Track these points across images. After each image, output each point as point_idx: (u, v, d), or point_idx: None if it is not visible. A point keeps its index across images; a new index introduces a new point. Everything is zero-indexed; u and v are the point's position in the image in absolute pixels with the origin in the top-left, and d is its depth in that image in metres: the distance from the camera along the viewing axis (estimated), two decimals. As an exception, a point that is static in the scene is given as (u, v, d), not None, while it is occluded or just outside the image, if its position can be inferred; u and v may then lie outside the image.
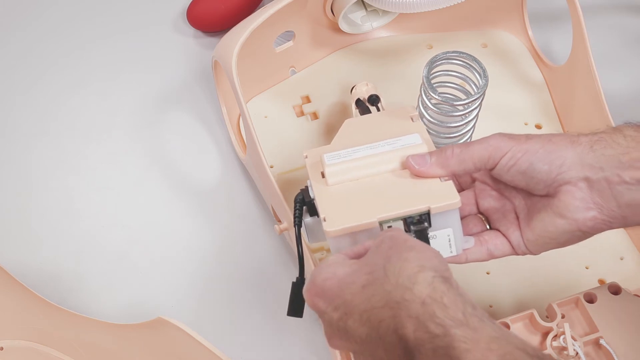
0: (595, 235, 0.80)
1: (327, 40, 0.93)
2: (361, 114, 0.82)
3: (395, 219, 0.63)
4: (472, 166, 0.64)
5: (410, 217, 0.62)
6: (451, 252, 0.65)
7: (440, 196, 0.63)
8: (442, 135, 0.78)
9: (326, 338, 0.58)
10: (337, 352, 0.71)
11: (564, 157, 0.61)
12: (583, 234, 0.63)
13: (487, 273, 0.79)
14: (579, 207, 0.61)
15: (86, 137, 0.92)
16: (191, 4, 0.98)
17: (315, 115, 0.90)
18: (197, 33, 1.00)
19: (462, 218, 0.67)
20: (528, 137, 0.62)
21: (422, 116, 0.78)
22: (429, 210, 0.62)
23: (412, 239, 0.57)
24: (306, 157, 0.71)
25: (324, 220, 0.64)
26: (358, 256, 0.59)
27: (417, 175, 0.65)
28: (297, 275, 0.68)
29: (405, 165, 0.66)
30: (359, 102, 0.83)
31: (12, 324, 0.76)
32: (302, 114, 0.90)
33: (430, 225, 0.63)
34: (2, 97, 0.95)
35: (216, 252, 0.84)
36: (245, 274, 0.83)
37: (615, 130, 0.61)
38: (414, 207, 0.62)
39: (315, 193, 0.67)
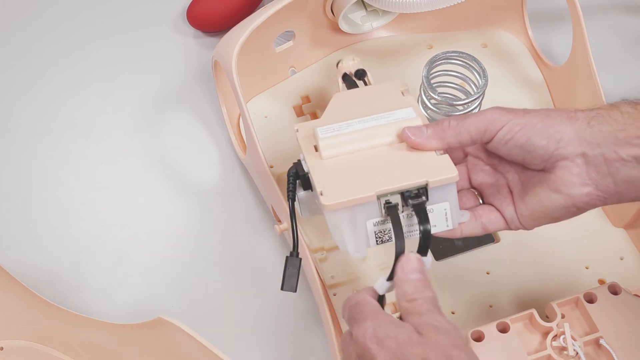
0: (595, 235, 0.80)
1: (327, 40, 0.93)
2: (348, 89, 0.81)
3: (393, 193, 0.62)
4: (469, 139, 0.63)
5: (408, 190, 0.62)
6: (447, 225, 0.65)
7: (437, 170, 0.63)
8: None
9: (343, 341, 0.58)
10: (338, 352, 0.71)
11: (562, 132, 0.61)
12: (578, 209, 0.63)
13: (487, 273, 0.79)
14: (575, 182, 0.61)
15: (86, 137, 0.92)
16: (191, 4, 0.98)
17: (315, 115, 0.90)
18: (197, 33, 1.00)
19: (459, 191, 0.66)
20: (525, 111, 0.62)
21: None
22: (427, 184, 0.62)
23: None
24: (297, 130, 0.70)
25: (321, 194, 0.63)
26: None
27: (413, 146, 0.64)
28: (292, 251, 0.68)
29: (401, 138, 0.66)
30: (345, 77, 0.83)
31: (12, 324, 0.76)
32: (302, 114, 0.90)
33: (427, 199, 0.62)
34: (2, 97, 0.95)
35: (216, 252, 0.84)
36: (245, 274, 0.83)
37: (612, 106, 0.61)
38: (412, 181, 0.62)
39: (310, 166, 0.66)
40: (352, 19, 0.92)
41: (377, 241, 0.64)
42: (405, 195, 0.62)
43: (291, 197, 0.68)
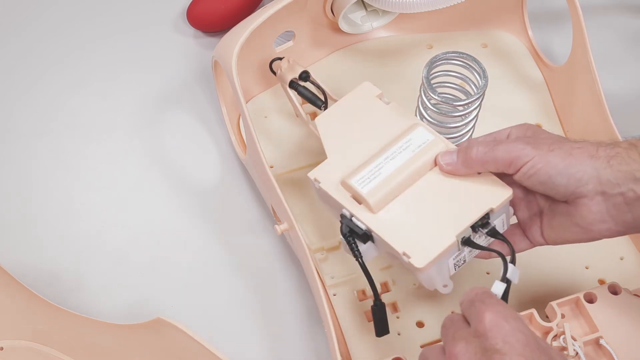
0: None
1: (327, 40, 0.93)
2: (302, 96, 0.82)
3: (466, 229, 0.66)
4: (495, 169, 0.66)
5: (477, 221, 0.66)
6: (504, 227, 0.69)
7: (492, 193, 0.67)
8: (442, 135, 0.77)
9: (454, 345, 0.58)
10: (337, 352, 0.71)
11: (582, 172, 0.63)
12: (597, 239, 0.66)
13: (487, 273, 0.79)
14: (595, 219, 0.64)
15: (86, 137, 0.92)
16: (191, 4, 0.98)
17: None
18: (197, 33, 1.00)
19: None
20: (550, 147, 0.64)
21: (421, 116, 0.78)
22: (491, 210, 0.66)
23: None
24: (315, 180, 0.70)
25: (408, 257, 0.65)
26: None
27: (447, 172, 0.68)
28: (374, 300, 0.70)
29: (432, 165, 0.69)
30: (292, 84, 0.83)
31: (12, 324, 0.76)
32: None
33: (490, 221, 0.67)
34: (2, 97, 0.95)
35: (216, 252, 0.84)
36: (245, 274, 0.83)
37: (631, 145, 0.64)
38: (479, 213, 0.66)
39: (367, 224, 0.67)
40: (352, 19, 0.92)
41: (455, 269, 0.69)
42: (474, 226, 0.66)
43: (359, 257, 0.68)
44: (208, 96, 0.95)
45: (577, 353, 0.67)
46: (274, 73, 0.86)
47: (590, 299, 0.70)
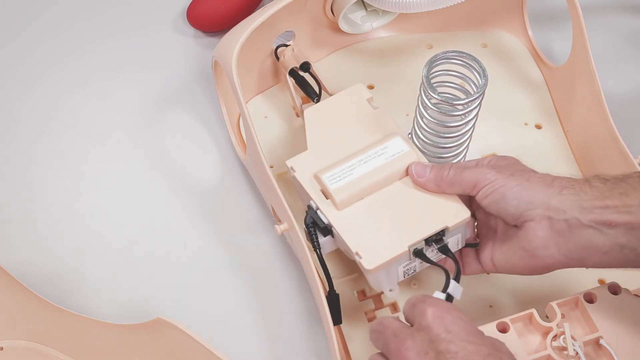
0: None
1: (327, 40, 0.93)
2: (299, 85, 0.85)
3: (420, 242, 0.69)
4: (461, 191, 0.70)
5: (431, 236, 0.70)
6: (458, 247, 0.72)
7: (452, 212, 0.70)
8: (442, 134, 0.78)
9: (401, 343, 0.61)
10: (337, 352, 0.71)
11: (533, 197, 0.66)
12: (541, 269, 0.68)
13: (487, 273, 0.79)
14: (540, 244, 0.66)
15: (86, 137, 0.92)
16: (191, 4, 0.98)
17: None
18: (197, 33, 1.00)
19: None
20: (512, 173, 0.68)
21: (422, 116, 0.78)
22: (446, 228, 0.69)
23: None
24: (292, 168, 0.75)
25: (360, 257, 0.69)
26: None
27: (416, 184, 0.72)
28: (328, 291, 0.74)
29: (404, 174, 0.73)
30: (292, 72, 0.86)
31: (12, 324, 0.76)
32: (302, 113, 0.90)
33: (445, 238, 0.70)
34: (3, 97, 0.95)
35: (216, 252, 0.84)
36: (245, 274, 0.83)
37: (586, 181, 0.66)
38: (435, 229, 0.69)
39: (330, 219, 0.71)
40: (352, 19, 0.92)
41: (404, 276, 0.72)
42: (428, 240, 0.70)
43: (318, 247, 0.72)
44: (208, 96, 0.95)
45: (577, 353, 0.67)
46: (277, 58, 0.88)
47: (590, 299, 0.70)
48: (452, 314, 0.61)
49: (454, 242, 0.72)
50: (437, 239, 0.70)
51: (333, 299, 0.73)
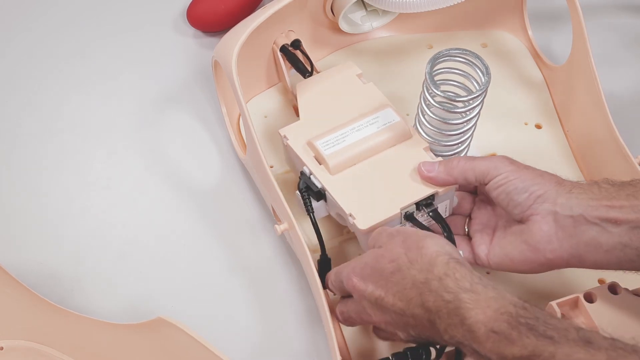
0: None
1: (327, 40, 0.93)
2: (290, 62, 0.86)
3: (411, 205, 0.72)
4: (473, 178, 0.71)
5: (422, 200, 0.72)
6: (445, 214, 0.75)
7: None
8: (444, 132, 0.77)
9: (358, 314, 0.68)
10: (337, 352, 0.71)
11: (544, 191, 0.68)
12: (540, 266, 0.69)
13: (487, 273, 0.79)
14: (543, 238, 0.68)
15: (86, 137, 0.92)
16: (191, 4, 0.98)
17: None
18: (197, 33, 1.00)
19: (454, 215, 0.77)
20: (527, 167, 0.70)
21: (424, 113, 0.78)
22: (436, 193, 0.72)
23: (420, 231, 0.67)
24: (285, 137, 0.77)
25: (354, 218, 0.72)
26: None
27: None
28: (320, 255, 0.76)
29: (394, 142, 0.76)
30: (283, 49, 0.87)
31: (12, 324, 0.76)
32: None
33: (434, 203, 0.73)
34: (3, 98, 0.95)
35: (216, 252, 0.84)
36: (245, 273, 0.83)
37: (595, 183, 0.68)
38: (425, 192, 0.72)
39: (323, 183, 0.74)
40: (352, 19, 0.92)
41: None
42: (418, 204, 0.72)
43: (311, 211, 0.75)
44: (208, 96, 0.95)
45: (577, 353, 0.67)
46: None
47: (590, 299, 0.70)
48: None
49: (442, 209, 0.74)
50: (427, 203, 0.72)
51: (324, 263, 0.75)
